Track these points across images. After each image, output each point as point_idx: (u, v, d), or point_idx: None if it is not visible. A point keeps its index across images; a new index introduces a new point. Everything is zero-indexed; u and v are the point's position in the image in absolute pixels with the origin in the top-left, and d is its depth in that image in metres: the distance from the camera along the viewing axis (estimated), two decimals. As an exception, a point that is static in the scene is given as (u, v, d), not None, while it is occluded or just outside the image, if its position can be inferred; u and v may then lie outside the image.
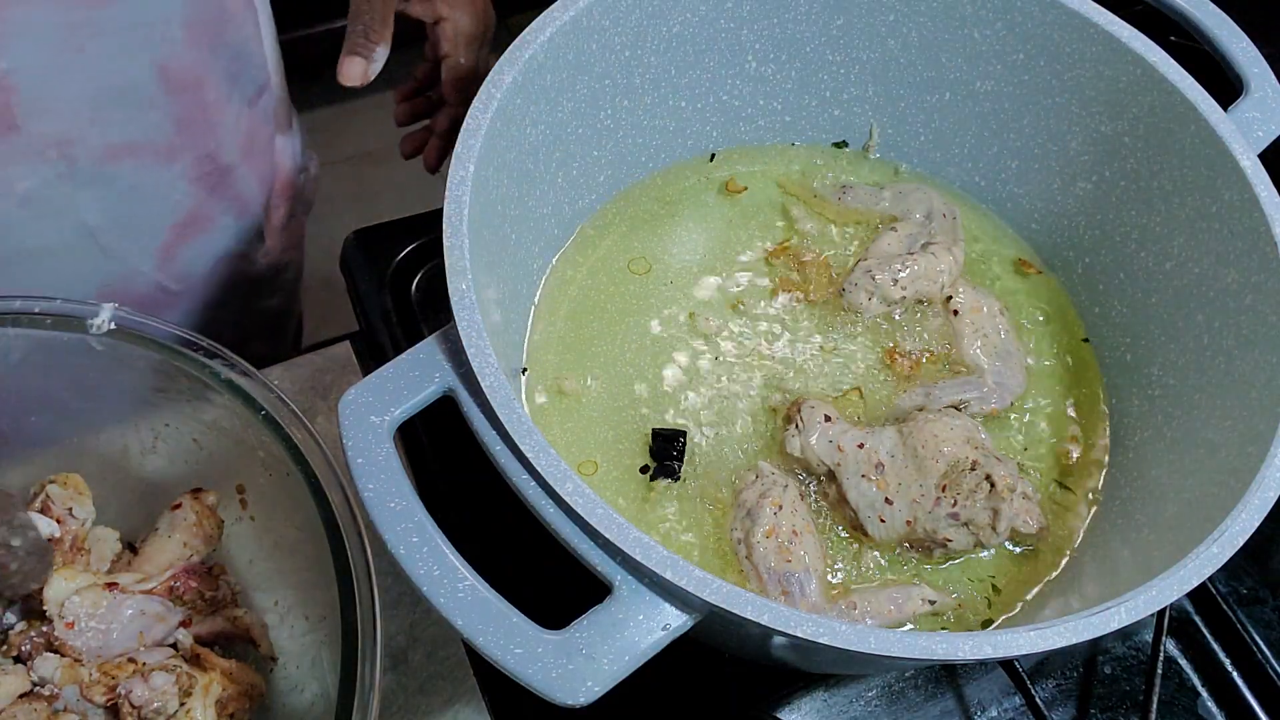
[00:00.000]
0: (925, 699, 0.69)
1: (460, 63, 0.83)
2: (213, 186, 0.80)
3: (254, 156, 0.83)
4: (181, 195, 0.78)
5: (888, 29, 0.72)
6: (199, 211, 0.80)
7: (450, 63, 0.83)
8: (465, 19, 0.82)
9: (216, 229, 0.83)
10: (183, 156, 0.76)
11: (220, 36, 0.72)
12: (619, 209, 0.76)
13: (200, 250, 0.83)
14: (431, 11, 0.82)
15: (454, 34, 0.82)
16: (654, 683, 0.52)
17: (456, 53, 0.83)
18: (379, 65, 0.75)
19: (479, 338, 0.51)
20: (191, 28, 0.69)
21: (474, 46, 0.84)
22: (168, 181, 0.76)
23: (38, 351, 0.61)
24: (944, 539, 0.61)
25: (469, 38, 0.83)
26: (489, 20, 0.85)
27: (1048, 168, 0.74)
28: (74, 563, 0.61)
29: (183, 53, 0.70)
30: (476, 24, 0.83)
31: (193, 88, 0.72)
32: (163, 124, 0.73)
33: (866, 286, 0.70)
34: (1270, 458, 0.53)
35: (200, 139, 0.76)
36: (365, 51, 0.74)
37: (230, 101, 0.77)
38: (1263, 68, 0.69)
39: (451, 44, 0.82)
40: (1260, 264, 0.60)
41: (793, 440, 0.64)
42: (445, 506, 0.72)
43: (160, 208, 0.78)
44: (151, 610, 0.59)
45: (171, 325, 0.60)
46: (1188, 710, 0.71)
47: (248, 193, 0.84)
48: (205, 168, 0.78)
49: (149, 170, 0.74)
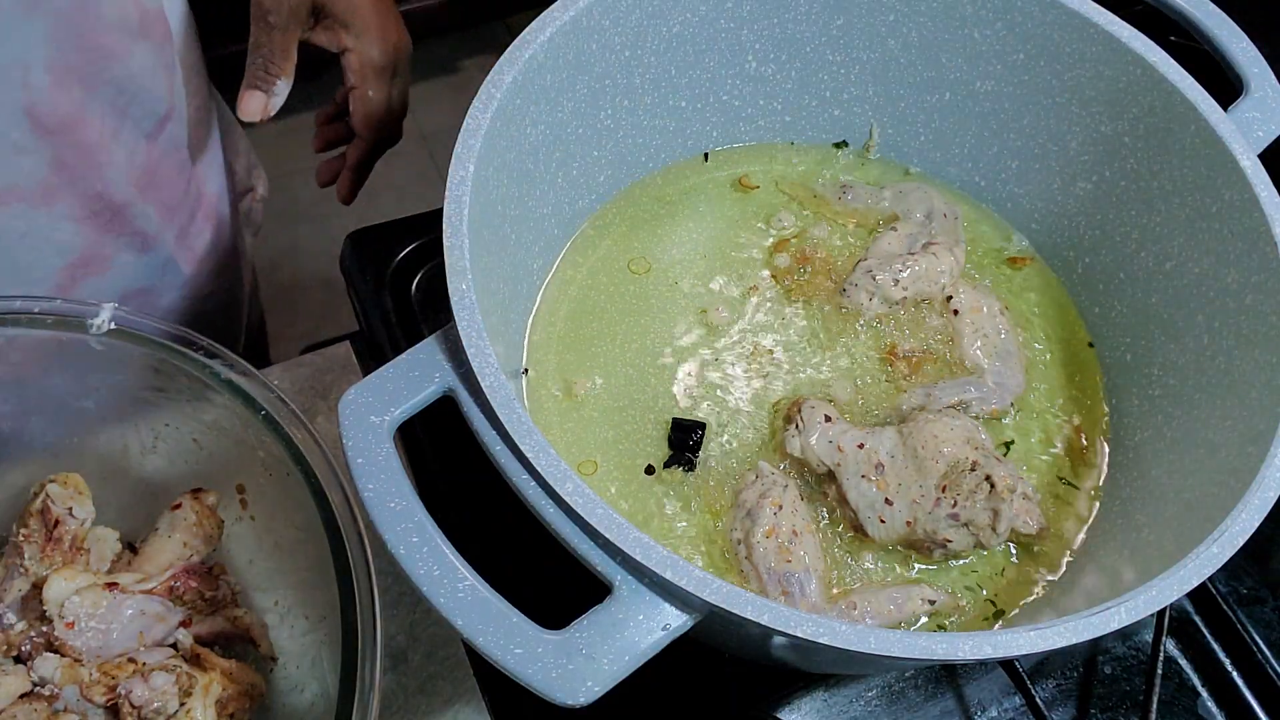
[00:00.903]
0: (925, 699, 0.69)
1: (369, 95, 0.79)
2: (105, 225, 0.75)
3: (156, 189, 0.78)
4: (69, 236, 0.73)
5: (888, 29, 0.73)
6: (91, 252, 0.75)
7: (358, 94, 0.79)
8: (374, 50, 0.77)
9: (114, 266, 0.78)
10: (62, 198, 0.71)
11: (98, 76, 0.68)
12: (619, 209, 0.76)
13: (98, 289, 0.78)
14: (336, 41, 0.77)
15: (360, 66, 0.77)
16: (654, 683, 0.52)
17: (364, 85, 0.78)
18: (280, 99, 0.73)
19: (479, 338, 0.51)
20: (56, 71, 0.65)
21: (384, 78, 0.79)
22: (48, 224, 0.71)
23: (38, 351, 0.61)
24: (944, 539, 0.61)
25: (377, 69, 0.78)
26: (401, 50, 0.80)
27: (1048, 168, 0.74)
28: (74, 563, 0.61)
29: (51, 96, 0.66)
30: (386, 55, 0.78)
31: (68, 129, 0.68)
32: (36, 168, 0.68)
33: (867, 287, 0.70)
34: (1270, 458, 0.53)
35: (82, 179, 0.71)
36: (265, 85, 0.71)
37: (119, 137, 0.72)
38: (1263, 68, 0.69)
39: (358, 75, 0.78)
40: (1260, 264, 0.60)
41: (793, 440, 0.64)
42: (445, 506, 0.72)
43: (45, 251, 0.73)
44: (151, 610, 0.59)
45: (172, 325, 0.60)
46: (1188, 710, 0.71)
47: (149, 227, 0.78)
48: (94, 206, 0.73)
49: (24, 215, 0.70)
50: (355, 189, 0.86)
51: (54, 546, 0.60)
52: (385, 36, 0.78)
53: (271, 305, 2.03)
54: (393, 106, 0.81)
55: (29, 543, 0.60)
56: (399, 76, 0.81)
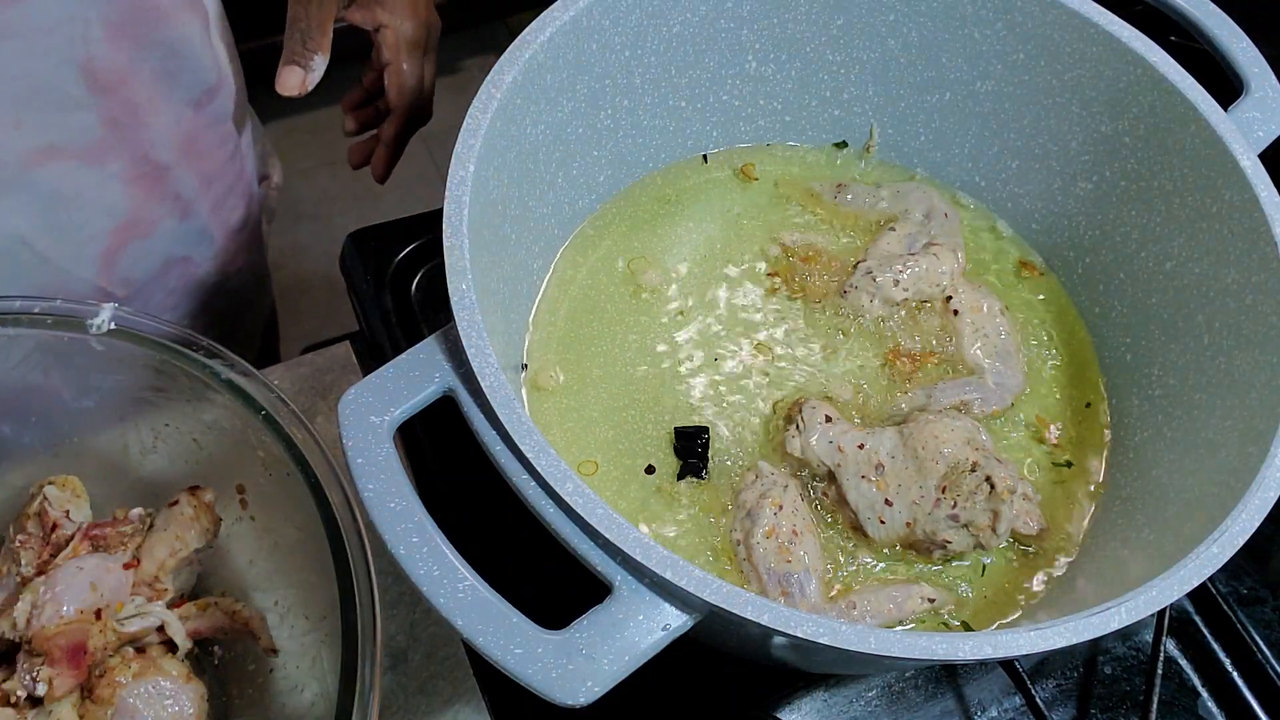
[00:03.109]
0: (925, 699, 0.69)
1: (403, 68, 0.81)
2: (150, 188, 0.78)
3: (197, 157, 0.81)
4: (117, 198, 0.76)
5: (888, 29, 0.72)
6: (138, 214, 0.79)
7: (392, 69, 0.81)
8: (407, 25, 0.80)
9: (158, 232, 0.81)
10: (114, 157, 0.73)
11: (150, 34, 0.70)
12: (619, 209, 0.76)
13: (143, 254, 0.81)
14: (371, 19, 0.80)
15: (395, 41, 0.80)
16: (654, 683, 0.52)
17: (398, 59, 0.81)
18: (318, 75, 0.74)
19: (479, 338, 0.51)
20: (111, 27, 0.67)
21: (416, 53, 0.82)
22: (100, 183, 0.74)
23: (38, 351, 0.61)
24: (944, 540, 0.61)
25: (411, 44, 0.81)
26: (432, 27, 0.83)
27: (1048, 168, 0.74)
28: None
29: (107, 51, 0.67)
30: (418, 30, 0.81)
31: (119, 86, 0.70)
32: (90, 125, 0.71)
33: (868, 288, 0.70)
34: (1270, 458, 0.53)
35: (132, 138, 0.74)
36: (303, 60, 0.73)
37: (167, 100, 0.75)
38: (1263, 68, 0.69)
39: (393, 51, 0.81)
40: (1260, 264, 0.60)
41: (793, 440, 0.64)
42: (445, 506, 0.72)
43: (94, 212, 0.76)
44: (89, 564, 0.58)
45: (172, 325, 0.60)
46: (1188, 710, 0.71)
47: (188, 193, 0.81)
48: (141, 168, 0.76)
49: (77, 173, 0.72)
50: (390, 166, 0.88)
51: (50, 550, 0.60)
52: (418, 13, 0.81)
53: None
54: (425, 83, 0.84)
55: (25, 548, 0.60)
56: (430, 53, 0.83)
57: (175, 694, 0.57)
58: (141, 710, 0.56)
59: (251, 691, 0.63)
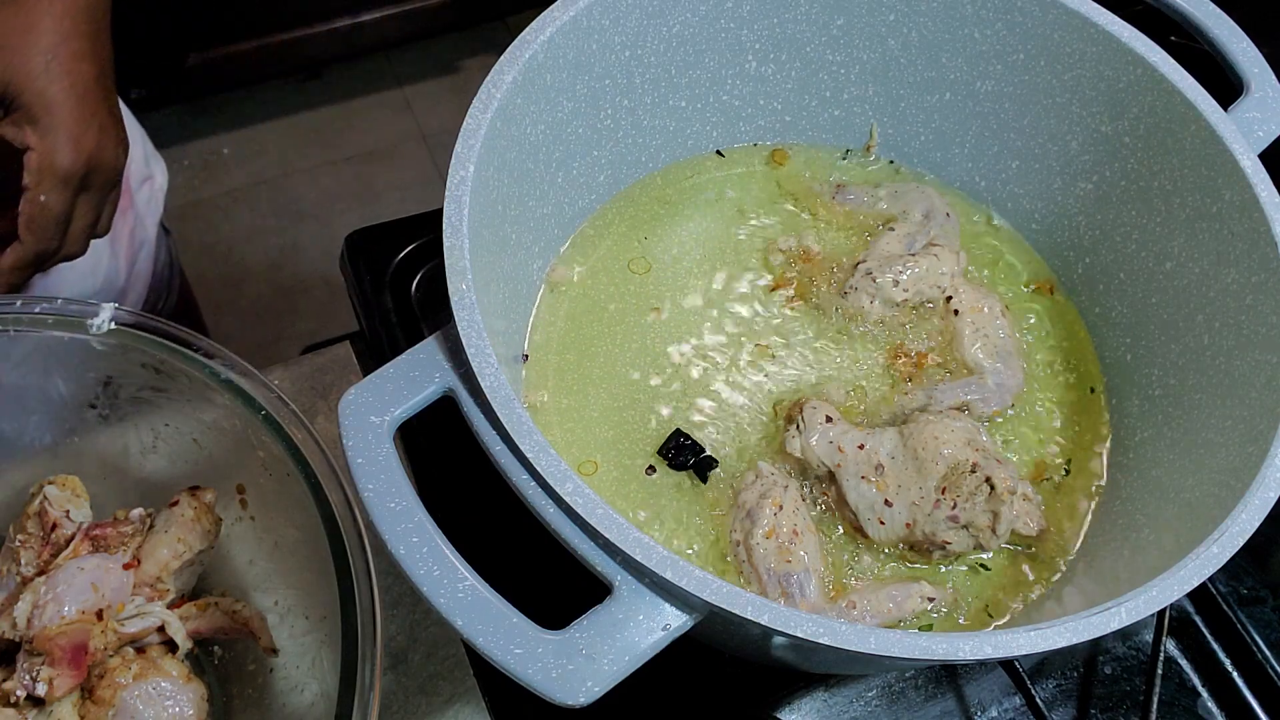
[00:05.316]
0: (925, 699, 0.69)
1: (40, 200, 0.67)
2: None
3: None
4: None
5: (888, 29, 0.73)
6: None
7: (29, 196, 0.66)
8: (61, 154, 0.66)
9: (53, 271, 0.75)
10: None
11: None
12: (619, 209, 0.76)
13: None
14: (19, 137, 0.67)
15: (38, 167, 0.66)
16: (654, 683, 0.52)
17: (38, 189, 0.66)
18: None
19: (479, 338, 0.51)
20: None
21: (67, 186, 0.68)
22: None
23: (38, 351, 0.61)
24: (943, 541, 0.61)
25: (62, 176, 0.67)
26: (96, 163, 0.68)
27: (1048, 168, 0.74)
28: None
29: None
30: (75, 164, 0.67)
31: None
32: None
33: (868, 289, 0.70)
34: (1270, 458, 0.53)
35: None
36: None
37: None
38: (1263, 68, 0.69)
39: (35, 178, 0.66)
40: (1260, 264, 0.60)
41: (793, 441, 0.64)
42: (445, 506, 0.72)
43: None
44: (90, 564, 0.59)
45: (172, 325, 0.60)
46: (1188, 710, 0.71)
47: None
48: None
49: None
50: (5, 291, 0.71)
51: (50, 549, 0.60)
52: (79, 143, 0.67)
53: (271, 305, 2.04)
54: (77, 224, 0.70)
55: (25, 548, 0.60)
56: (90, 192, 0.70)
57: (175, 694, 0.57)
58: (142, 710, 0.56)
59: (251, 691, 0.63)
